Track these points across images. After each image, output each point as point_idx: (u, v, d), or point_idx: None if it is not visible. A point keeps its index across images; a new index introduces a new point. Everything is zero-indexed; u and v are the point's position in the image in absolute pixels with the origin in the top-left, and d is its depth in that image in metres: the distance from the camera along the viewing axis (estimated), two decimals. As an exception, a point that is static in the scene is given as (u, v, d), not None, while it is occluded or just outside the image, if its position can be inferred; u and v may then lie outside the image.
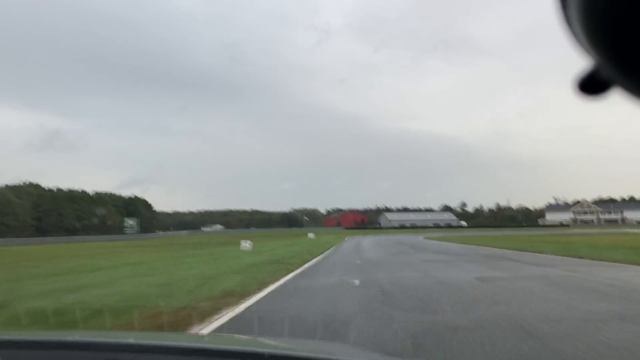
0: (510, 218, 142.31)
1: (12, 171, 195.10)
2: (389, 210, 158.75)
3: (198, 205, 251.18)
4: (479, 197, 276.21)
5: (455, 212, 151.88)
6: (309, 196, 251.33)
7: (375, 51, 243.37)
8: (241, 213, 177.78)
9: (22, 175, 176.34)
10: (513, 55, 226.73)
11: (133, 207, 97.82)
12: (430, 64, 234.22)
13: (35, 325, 6.35)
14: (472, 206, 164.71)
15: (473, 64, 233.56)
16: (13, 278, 13.43)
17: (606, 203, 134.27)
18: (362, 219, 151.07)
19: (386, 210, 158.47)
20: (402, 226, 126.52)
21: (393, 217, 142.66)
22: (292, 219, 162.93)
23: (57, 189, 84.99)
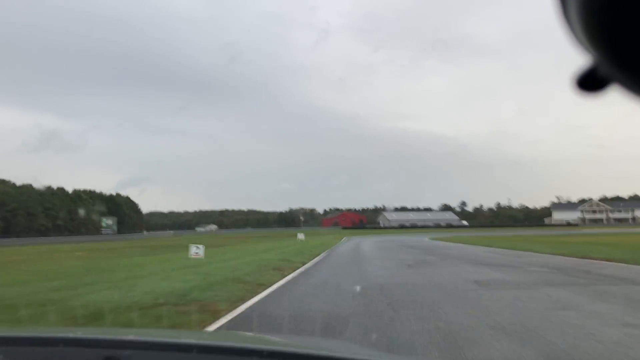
0: (511, 217, 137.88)
1: (10, 171, 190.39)
2: (388, 210, 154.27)
3: (195, 205, 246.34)
4: (478, 197, 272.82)
5: (454, 212, 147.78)
6: (307, 196, 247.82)
7: (374, 51, 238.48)
8: (237, 213, 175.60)
9: (21, 175, 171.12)
10: (512, 55, 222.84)
11: (115, 206, 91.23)
12: (429, 64, 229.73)
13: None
14: (472, 206, 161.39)
15: (472, 64, 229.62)
16: None
17: (615, 201, 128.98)
18: (361, 218, 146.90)
19: (385, 209, 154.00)
20: (401, 226, 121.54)
21: (392, 216, 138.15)
22: (288, 218, 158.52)
23: (28, 186, 77.55)
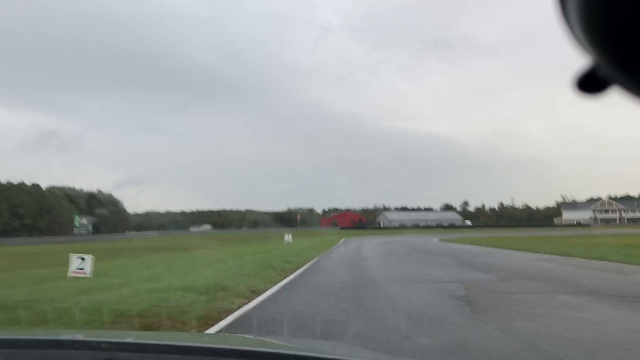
0: (514, 217, 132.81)
1: (8, 171, 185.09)
2: (389, 209, 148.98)
3: (193, 204, 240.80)
4: (480, 197, 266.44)
5: (455, 212, 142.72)
6: (306, 196, 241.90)
7: (373, 50, 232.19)
8: (234, 213, 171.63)
9: (19, 175, 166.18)
10: (512, 54, 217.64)
11: (96, 204, 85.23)
12: (429, 63, 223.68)
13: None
14: (474, 205, 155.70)
15: (472, 63, 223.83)
16: None
17: (629, 200, 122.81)
18: (360, 218, 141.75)
19: (385, 209, 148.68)
20: (402, 226, 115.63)
21: (393, 216, 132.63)
22: (285, 218, 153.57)
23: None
